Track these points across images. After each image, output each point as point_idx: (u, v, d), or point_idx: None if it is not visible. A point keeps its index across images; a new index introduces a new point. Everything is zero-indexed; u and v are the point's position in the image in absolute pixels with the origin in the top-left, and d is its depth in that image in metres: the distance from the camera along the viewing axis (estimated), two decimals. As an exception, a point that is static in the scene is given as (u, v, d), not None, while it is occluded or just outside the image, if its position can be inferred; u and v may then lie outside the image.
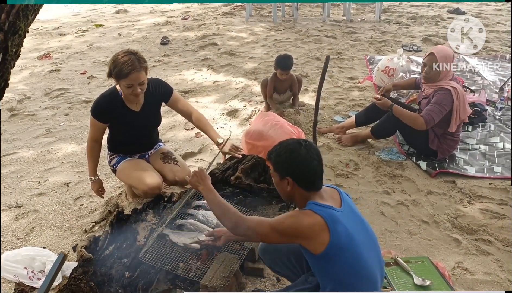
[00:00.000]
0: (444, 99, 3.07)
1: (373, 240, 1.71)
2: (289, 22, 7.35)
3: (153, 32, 7.10)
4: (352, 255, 1.57)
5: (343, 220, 1.57)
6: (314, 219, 1.54)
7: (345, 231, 1.56)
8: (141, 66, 2.37)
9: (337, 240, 1.53)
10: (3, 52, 1.05)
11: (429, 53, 3.15)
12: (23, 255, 2.28)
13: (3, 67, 1.08)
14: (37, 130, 4.03)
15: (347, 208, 1.65)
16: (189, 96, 4.61)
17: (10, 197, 3.00)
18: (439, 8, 8.05)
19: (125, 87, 2.41)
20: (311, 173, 1.63)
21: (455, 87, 3.07)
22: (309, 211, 1.57)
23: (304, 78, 4.80)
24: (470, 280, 2.24)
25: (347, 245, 1.55)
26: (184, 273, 1.97)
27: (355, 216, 1.68)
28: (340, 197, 1.69)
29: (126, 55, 2.36)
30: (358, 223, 1.66)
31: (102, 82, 5.08)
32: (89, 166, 2.71)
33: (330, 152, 3.45)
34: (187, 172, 2.81)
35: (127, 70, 2.33)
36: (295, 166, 1.63)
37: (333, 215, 1.56)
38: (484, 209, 2.78)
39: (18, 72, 5.47)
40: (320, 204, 1.58)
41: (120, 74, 2.35)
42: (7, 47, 1.06)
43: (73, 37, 7.03)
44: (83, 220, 2.74)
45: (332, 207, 1.59)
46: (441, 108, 3.06)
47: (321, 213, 1.54)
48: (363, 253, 1.60)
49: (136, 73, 2.35)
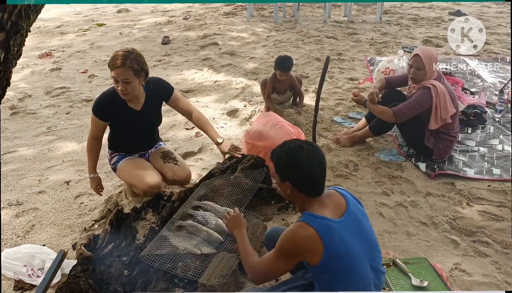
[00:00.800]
0: (421, 96, 3.11)
1: (373, 250, 1.67)
2: (290, 23, 7.36)
3: (154, 31, 7.11)
4: (348, 266, 1.56)
5: (340, 231, 1.55)
6: (307, 231, 1.53)
7: (342, 242, 1.54)
8: (128, 64, 2.36)
9: (332, 250, 1.52)
10: (5, 51, 1.06)
11: (414, 54, 3.18)
12: (23, 252, 2.29)
13: (5, 66, 1.09)
14: (38, 128, 4.04)
15: (351, 217, 1.61)
16: (190, 96, 4.62)
17: (10, 195, 3.02)
18: (440, 10, 8.06)
19: (114, 81, 2.45)
20: (311, 180, 1.61)
21: (436, 85, 3.09)
22: (302, 223, 1.56)
23: (304, 78, 4.81)
24: (468, 281, 2.24)
25: (343, 256, 1.54)
26: (182, 272, 1.98)
27: (357, 226, 1.63)
28: (346, 204, 1.65)
29: (123, 50, 2.40)
30: (359, 234, 1.62)
31: (103, 81, 5.10)
32: (88, 163, 2.72)
33: (330, 153, 3.46)
34: (187, 171, 2.82)
35: (112, 63, 2.38)
36: (295, 171, 1.60)
37: (327, 226, 1.54)
38: (483, 211, 2.78)
39: (20, 71, 5.48)
40: (315, 215, 1.56)
41: (110, 65, 2.41)
42: (9, 46, 1.07)
43: (74, 36, 7.05)
44: (83, 218, 2.75)
45: (327, 218, 1.56)
46: (416, 104, 3.12)
47: (314, 225, 1.53)
48: (358, 264, 1.58)
49: (118, 70, 2.37)
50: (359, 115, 4.02)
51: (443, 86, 3.12)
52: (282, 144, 1.71)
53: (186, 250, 2.08)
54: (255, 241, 2.19)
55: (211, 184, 2.54)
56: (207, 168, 3.20)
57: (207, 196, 2.46)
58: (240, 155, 2.70)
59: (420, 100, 3.11)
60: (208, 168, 3.16)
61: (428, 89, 3.10)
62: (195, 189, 2.53)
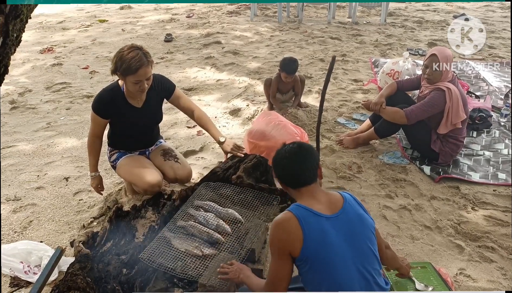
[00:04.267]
0: (435, 99, 3.05)
1: (364, 258, 1.59)
2: (294, 23, 7.32)
3: (157, 28, 7.07)
4: (327, 258, 1.53)
5: (325, 224, 1.55)
6: (286, 216, 1.58)
7: (324, 233, 1.53)
8: (148, 60, 2.34)
9: (312, 237, 1.53)
10: (4, 35, 1.02)
11: (431, 54, 3.12)
12: (19, 249, 2.25)
13: (3, 51, 1.05)
14: (37, 123, 4.00)
15: (343, 218, 1.58)
16: (192, 94, 4.58)
17: (8, 190, 2.97)
18: (445, 14, 8.04)
19: (133, 83, 2.37)
20: (288, 171, 1.68)
21: (451, 88, 3.04)
22: (285, 211, 1.61)
23: (308, 79, 4.77)
24: (473, 287, 2.20)
25: (322, 246, 1.53)
26: (182, 273, 1.94)
27: (349, 229, 1.58)
28: (342, 204, 1.62)
29: (133, 50, 2.32)
30: (349, 236, 1.57)
31: (104, 77, 5.05)
32: (89, 161, 2.67)
33: (333, 154, 3.41)
34: (188, 169, 2.78)
35: (136, 66, 2.29)
36: (276, 168, 1.73)
37: (308, 214, 1.56)
38: (488, 216, 2.74)
39: (20, 65, 5.45)
40: (300, 205, 1.60)
41: (129, 70, 2.31)
42: (7, 31, 1.02)
43: (76, 31, 7.01)
44: (81, 215, 2.71)
45: (312, 210, 1.57)
46: (429, 107, 3.06)
47: (294, 212, 1.57)
48: (340, 262, 1.53)
49: (145, 68, 2.33)
50: (363, 116, 3.98)
51: (457, 90, 3.07)
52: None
53: (187, 251, 2.04)
54: (257, 241, 2.15)
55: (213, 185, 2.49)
56: (208, 167, 3.16)
57: (208, 196, 2.42)
58: (242, 155, 2.65)
59: (433, 102, 3.05)
60: (209, 167, 3.12)
61: (443, 91, 3.04)
62: (196, 189, 2.49)
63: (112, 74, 2.41)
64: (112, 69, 2.38)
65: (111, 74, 2.41)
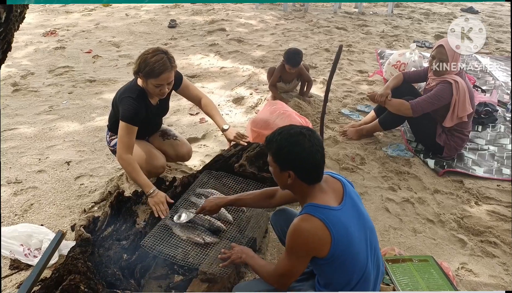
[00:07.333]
0: (442, 91, 3.01)
1: (371, 234, 1.65)
2: (299, 12, 7.24)
3: (161, 14, 7.00)
4: (350, 256, 1.54)
5: (342, 219, 1.52)
6: (314, 223, 1.49)
7: (345, 231, 1.52)
8: (172, 66, 2.30)
9: (339, 241, 1.50)
10: (7, 10, 0.99)
11: (438, 45, 3.07)
12: (20, 231, 2.24)
13: (7, 27, 1.02)
14: (39, 106, 3.97)
15: (348, 202, 1.59)
16: (195, 81, 4.54)
17: (9, 173, 2.96)
18: (452, 6, 7.93)
19: (154, 86, 2.33)
20: (314, 167, 1.54)
21: (458, 81, 2.99)
22: (306, 215, 1.51)
23: (312, 69, 4.72)
24: (475, 282, 2.19)
25: (347, 246, 1.52)
26: (183, 260, 1.93)
27: (355, 211, 1.61)
28: (342, 188, 1.62)
29: (158, 54, 2.27)
30: (358, 219, 1.60)
31: (107, 62, 5.01)
32: (139, 180, 2.31)
33: (336, 145, 3.39)
34: (188, 146, 2.80)
35: (159, 70, 2.25)
36: (299, 160, 1.53)
37: (332, 216, 1.51)
38: (491, 211, 2.72)
39: (23, 48, 5.40)
40: (317, 205, 1.52)
41: (152, 74, 2.27)
42: (11, 6, 0.99)
43: (80, 15, 6.94)
44: (82, 199, 2.70)
45: (329, 207, 1.53)
46: (435, 99, 3.02)
47: (319, 216, 1.50)
48: (359, 251, 1.56)
49: (168, 73, 2.29)
50: (367, 108, 3.94)
51: (465, 83, 3.02)
52: (279, 130, 1.60)
53: (189, 239, 2.02)
54: (259, 230, 2.14)
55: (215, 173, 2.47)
56: (210, 154, 3.14)
57: (210, 184, 2.40)
58: (245, 143, 2.63)
59: (440, 95, 3.01)
60: (211, 154, 3.10)
61: (450, 84, 3.00)
62: (198, 176, 2.47)
63: (134, 75, 2.38)
64: (135, 69, 2.34)
65: (134, 74, 2.38)
